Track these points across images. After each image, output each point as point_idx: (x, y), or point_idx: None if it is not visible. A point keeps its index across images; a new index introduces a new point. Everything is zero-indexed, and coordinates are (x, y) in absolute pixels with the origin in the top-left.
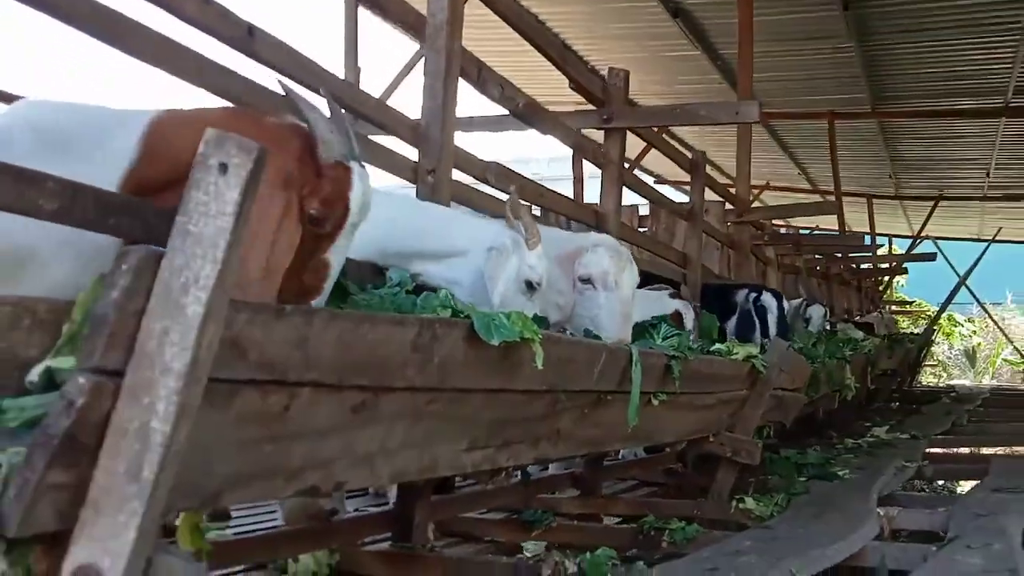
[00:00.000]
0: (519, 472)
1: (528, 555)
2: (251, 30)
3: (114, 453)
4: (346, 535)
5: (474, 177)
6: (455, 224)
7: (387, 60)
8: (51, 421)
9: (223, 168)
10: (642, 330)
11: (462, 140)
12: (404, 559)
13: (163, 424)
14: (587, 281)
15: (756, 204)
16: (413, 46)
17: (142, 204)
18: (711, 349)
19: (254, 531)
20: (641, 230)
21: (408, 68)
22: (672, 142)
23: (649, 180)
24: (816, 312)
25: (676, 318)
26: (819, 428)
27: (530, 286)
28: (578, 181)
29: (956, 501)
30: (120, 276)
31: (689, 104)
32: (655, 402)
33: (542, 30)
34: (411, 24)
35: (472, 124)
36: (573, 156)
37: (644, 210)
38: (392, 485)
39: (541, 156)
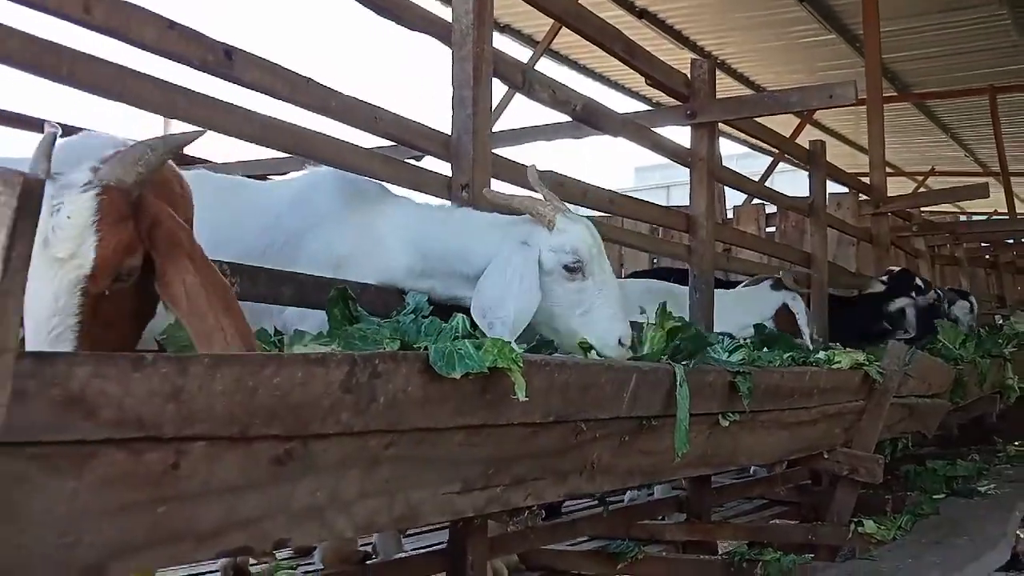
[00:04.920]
0: (543, 510)
1: None
2: (229, 52)
3: None
4: None
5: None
6: (473, 237)
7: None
8: None
9: None
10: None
11: (526, 153)
12: None
13: None
14: None
15: (922, 191)
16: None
17: None
18: (810, 359)
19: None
20: (769, 230)
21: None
22: (818, 131)
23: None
24: (961, 309)
25: (783, 315)
26: (986, 434)
27: (570, 269)
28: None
29: None
30: None
31: (779, 90)
32: (724, 423)
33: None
34: (435, 33)
35: (520, 135)
36: None
37: (772, 207)
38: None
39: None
